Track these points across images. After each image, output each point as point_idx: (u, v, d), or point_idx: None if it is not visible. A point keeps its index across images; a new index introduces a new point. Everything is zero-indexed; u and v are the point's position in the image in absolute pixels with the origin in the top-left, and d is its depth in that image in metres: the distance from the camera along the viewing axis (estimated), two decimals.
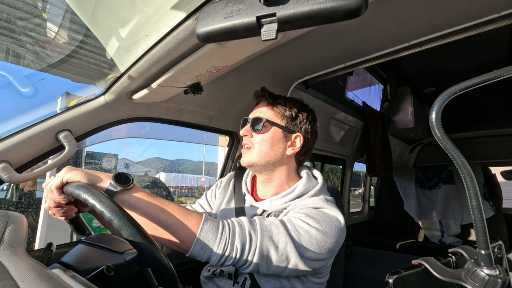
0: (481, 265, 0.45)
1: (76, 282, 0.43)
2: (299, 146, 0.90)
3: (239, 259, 0.67)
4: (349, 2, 0.42)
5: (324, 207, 0.79)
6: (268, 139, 0.87)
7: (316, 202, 0.82)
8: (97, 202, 0.56)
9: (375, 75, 2.56)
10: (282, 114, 0.90)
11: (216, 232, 0.66)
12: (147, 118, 1.19)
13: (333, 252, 0.77)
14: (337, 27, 1.01)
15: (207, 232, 0.66)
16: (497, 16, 0.93)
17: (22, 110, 1.02)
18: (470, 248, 0.54)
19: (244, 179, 1.03)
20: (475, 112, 2.92)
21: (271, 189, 0.92)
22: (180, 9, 0.61)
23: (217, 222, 0.68)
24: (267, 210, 0.88)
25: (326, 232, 0.73)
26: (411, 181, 3.13)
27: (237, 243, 0.66)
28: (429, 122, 0.43)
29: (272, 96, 0.93)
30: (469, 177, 0.42)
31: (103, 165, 3.94)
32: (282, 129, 0.89)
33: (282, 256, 0.69)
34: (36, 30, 1.04)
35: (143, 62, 0.81)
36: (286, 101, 0.92)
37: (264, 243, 0.68)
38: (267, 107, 0.91)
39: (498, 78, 0.40)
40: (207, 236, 0.65)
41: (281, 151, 0.89)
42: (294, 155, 0.93)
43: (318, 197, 0.85)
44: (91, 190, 0.58)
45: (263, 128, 0.88)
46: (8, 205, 2.40)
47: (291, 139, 0.90)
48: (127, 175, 0.67)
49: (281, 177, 0.91)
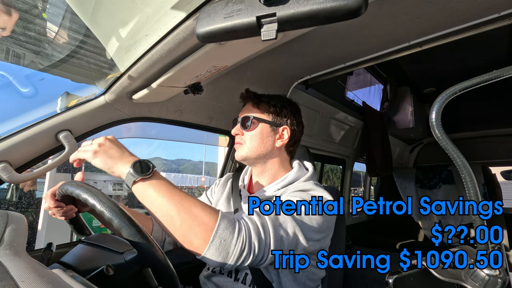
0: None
1: (76, 282, 0.43)
2: (287, 138, 0.97)
3: (257, 256, 0.64)
4: (349, 2, 0.42)
5: (313, 189, 0.85)
6: (257, 135, 0.94)
7: (305, 185, 0.88)
8: (97, 202, 0.56)
9: (375, 75, 2.56)
10: (267, 110, 0.96)
11: (233, 231, 0.61)
12: (147, 118, 1.19)
13: (330, 230, 0.83)
14: (337, 27, 1.01)
15: (224, 231, 0.60)
16: (497, 16, 0.93)
17: (22, 110, 1.02)
18: (470, 248, 0.54)
19: (242, 176, 1.09)
20: (475, 112, 2.91)
21: (265, 179, 0.99)
22: (180, 9, 0.61)
23: (233, 220, 0.64)
24: (262, 199, 0.91)
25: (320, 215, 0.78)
26: (411, 181, 3.13)
27: (254, 239, 0.63)
28: (429, 122, 0.43)
29: (256, 96, 0.99)
30: (469, 177, 0.42)
31: None
32: (269, 124, 0.95)
33: (293, 241, 0.70)
34: (36, 30, 1.04)
35: (143, 62, 0.81)
36: (269, 99, 0.98)
37: (276, 232, 0.67)
38: (252, 106, 0.98)
39: (498, 78, 0.40)
40: (223, 235, 0.60)
41: (271, 144, 0.95)
42: (284, 147, 0.99)
43: (308, 182, 0.91)
44: (91, 190, 0.58)
45: (251, 125, 0.94)
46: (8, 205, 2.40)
47: (279, 132, 0.97)
48: (147, 162, 0.64)
49: (274, 168, 0.98)
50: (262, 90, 1.57)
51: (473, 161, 3.04)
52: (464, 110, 2.75)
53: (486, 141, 3.17)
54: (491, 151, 3.13)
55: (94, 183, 3.60)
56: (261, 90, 1.56)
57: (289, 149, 1.01)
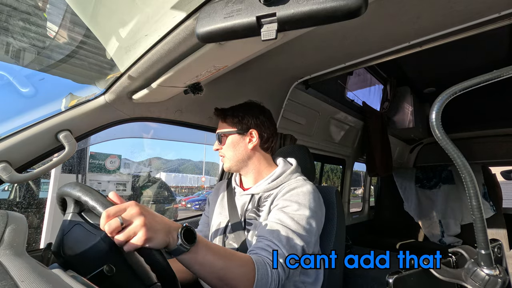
0: (481, 265, 0.45)
1: (76, 282, 0.43)
2: (256, 139, 1.07)
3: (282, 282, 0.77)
4: (349, 2, 0.42)
5: (299, 186, 0.95)
6: (230, 145, 1.07)
7: (290, 183, 0.98)
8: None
9: (375, 75, 2.56)
10: (232, 122, 1.08)
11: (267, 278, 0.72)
12: (147, 118, 1.19)
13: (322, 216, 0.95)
14: (337, 27, 1.01)
15: (262, 279, 0.71)
16: (497, 16, 0.93)
17: (22, 110, 1.02)
18: (470, 248, 0.54)
19: (234, 177, 1.20)
20: (475, 112, 2.91)
21: (251, 177, 1.09)
22: (180, 9, 0.61)
23: (264, 265, 0.73)
24: (255, 193, 1.03)
25: (314, 211, 0.89)
26: (411, 181, 3.13)
27: (282, 274, 0.76)
28: (429, 122, 0.43)
29: (222, 112, 1.11)
30: (469, 177, 0.42)
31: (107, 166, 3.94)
32: (236, 133, 1.07)
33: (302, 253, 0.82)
34: (36, 30, 1.04)
35: (143, 62, 0.81)
36: (233, 111, 1.09)
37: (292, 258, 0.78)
38: (221, 122, 1.11)
39: (498, 78, 0.40)
40: (262, 283, 0.71)
41: (244, 148, 1.06)
42: (258, 146, 1.09)
43: (295, 179, 1.01)
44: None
45: (223, 140, 1.08)
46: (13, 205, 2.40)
47: (248, 136, 1.07)
48: (192, 231, 0.62)
49: (255, 167, 1.09)
50: (262, 90, 1.57)
51: (473, 161, 3.04)
52: (464, 110, 2.76)
53: (486, 141, 3.17)
54: (491, 151, 3.13)
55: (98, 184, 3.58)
56: (261, 90, 1.57)
57: (264, 146, 1.10)
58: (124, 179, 4.28)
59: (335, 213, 1.08)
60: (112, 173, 4.06)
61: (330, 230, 1.07)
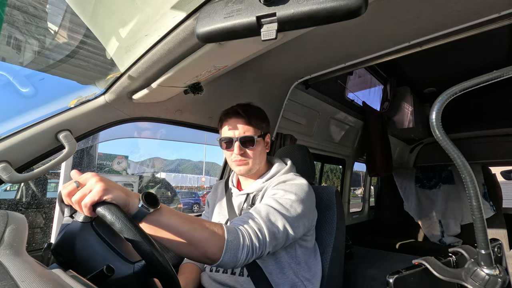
0: (481, 264, 0.45)
1: (76, 282, 0.43)
2: (268, 141, 1.08)
3: (258, 254, 0.75)
4: (349, 2, 0.42)
5: (293, 179, 0.96)
6: (259, 151, 1.02)
7: (286, 176, 0.98)
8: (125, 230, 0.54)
9: (375, 75, 2.56)
10: (259, 126, 1.02)
11: (239, 240, 0.71)
12: (147, 118, 1.19)
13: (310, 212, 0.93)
14: (337, 27, 1.01)
15: (232, 242, 0.70)
16: (497, 16, 0.93)
17: (22, 110, 1.02)
18: (470, 248, 0.54)
19: (231, 178, 1.19)
20: (475, 112, 2.91)
21: (252, 177, 1.08)
22: (180, 9, 0.61)
23: (236, 230, 0.73)
24: (250, 192, 1.03)
25: (301, 198, 0.89)
26: (411, 181, 3.13)
27: (255, 241, 0.74)
28: (429, 122, 0.43)
29: (245, 111, 1.00)
30: (469, 177, 0.42)
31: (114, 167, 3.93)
32: (262, 137, 1.03)
33: (284, 234, 0.81)
34: (36, 30, 1.04)
35: (143, 62, 0.81)
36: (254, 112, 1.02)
37: (270, 231, 0.77)
38: (245, 125, 0.99)
39: (498, 78, 0.40)
40: (232, 246, 0.70)
41: (264, 152, 1.06)
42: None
43: (288, 174, 1.01)
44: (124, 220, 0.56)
45: (254, 143, 0.99)
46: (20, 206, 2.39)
47: (266, 140, 1.07)
48: (154, 195, 0.64)
49: (259, 168, 1.07)
50: (262, 90, 1.57)
51: (473, 161, 3.04)
52: (464, 110, 2.76)
53: (486, 141, 3.17)
54: (491, 151, 3.13)
55: None
56: (261, 90, 1.57)
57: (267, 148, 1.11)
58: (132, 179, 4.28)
59: (335, 213, 1.08)
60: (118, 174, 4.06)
61: (330, 230, 1.07)
